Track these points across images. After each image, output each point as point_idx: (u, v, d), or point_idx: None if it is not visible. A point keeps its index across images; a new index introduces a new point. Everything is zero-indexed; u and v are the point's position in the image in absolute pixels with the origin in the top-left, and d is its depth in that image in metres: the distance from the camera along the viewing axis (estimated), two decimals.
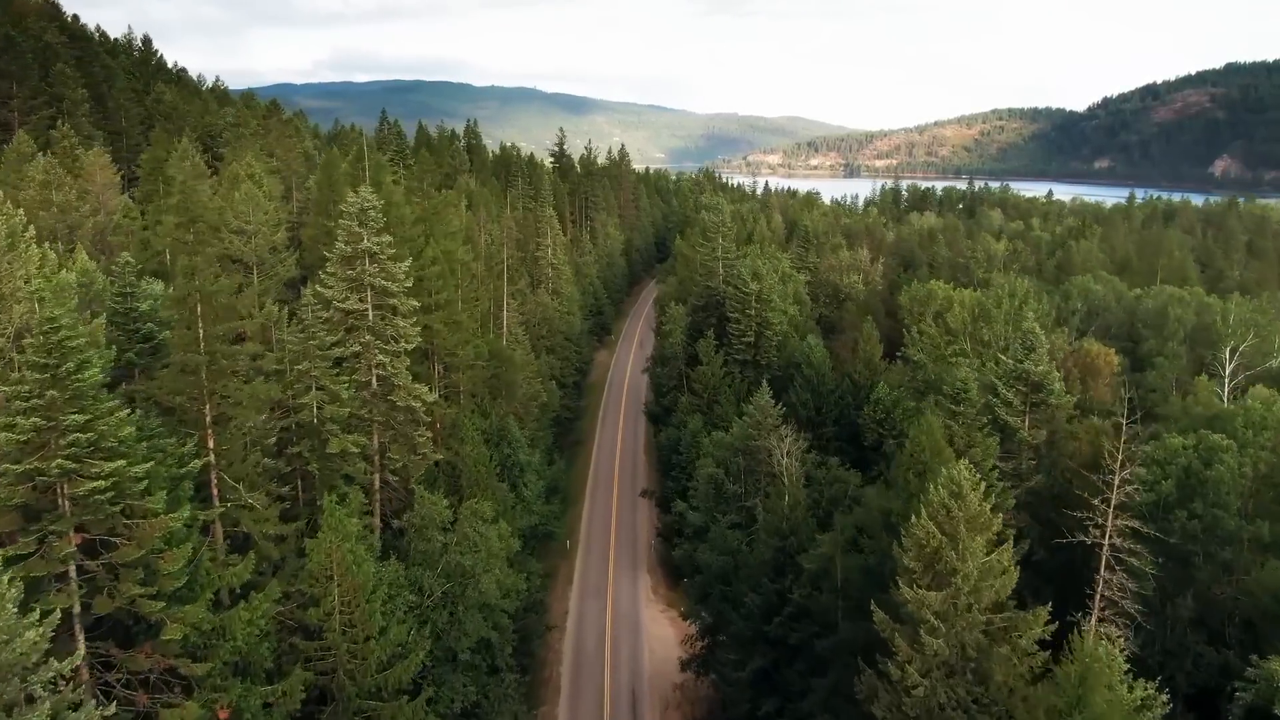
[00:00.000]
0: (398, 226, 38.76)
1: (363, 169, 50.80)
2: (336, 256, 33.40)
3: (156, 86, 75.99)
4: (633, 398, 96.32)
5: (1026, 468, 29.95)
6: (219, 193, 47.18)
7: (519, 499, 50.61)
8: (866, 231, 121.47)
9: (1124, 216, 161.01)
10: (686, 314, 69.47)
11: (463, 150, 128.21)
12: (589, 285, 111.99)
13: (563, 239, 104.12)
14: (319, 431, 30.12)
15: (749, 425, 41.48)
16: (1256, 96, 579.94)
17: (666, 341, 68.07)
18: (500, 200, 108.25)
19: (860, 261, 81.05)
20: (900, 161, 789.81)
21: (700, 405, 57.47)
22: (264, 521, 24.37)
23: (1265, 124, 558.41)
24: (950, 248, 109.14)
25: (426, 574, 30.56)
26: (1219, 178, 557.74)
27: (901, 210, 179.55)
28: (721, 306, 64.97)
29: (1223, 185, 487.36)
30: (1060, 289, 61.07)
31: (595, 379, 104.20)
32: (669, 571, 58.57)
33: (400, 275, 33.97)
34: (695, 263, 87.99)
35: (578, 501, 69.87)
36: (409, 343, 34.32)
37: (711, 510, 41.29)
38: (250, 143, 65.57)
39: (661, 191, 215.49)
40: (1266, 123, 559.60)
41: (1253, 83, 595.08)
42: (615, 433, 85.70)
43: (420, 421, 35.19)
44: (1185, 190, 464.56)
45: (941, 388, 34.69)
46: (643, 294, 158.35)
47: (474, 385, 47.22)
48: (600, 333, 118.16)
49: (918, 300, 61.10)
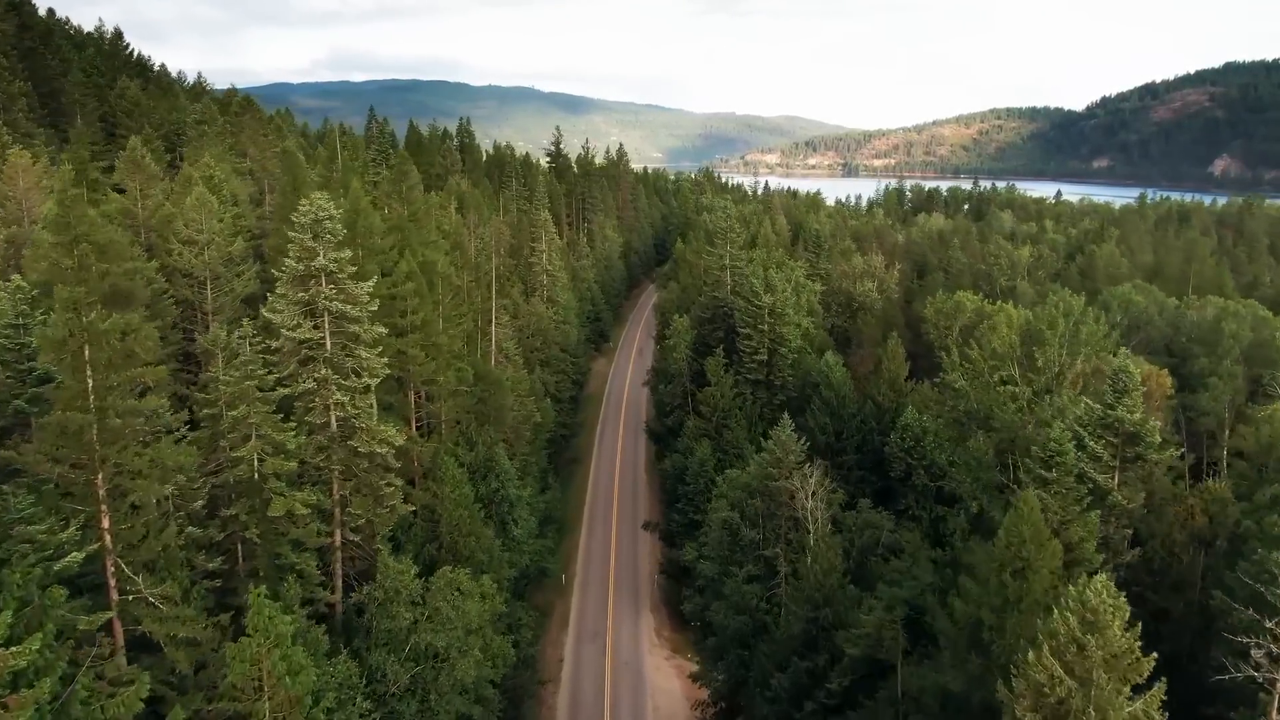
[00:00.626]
0: (365, 238, 33.51)
1: (336, 170, 45.62)
2: (287, 276, 28.14)
3: (120, 81, 70.45)
4: (632, 411, 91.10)
5: (1118, 538, 24.72)
6: (171, 197, 41.81)
7: (508, 540, 45.44)
8: (875, 234, 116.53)
9: (1138, 218, 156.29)
10: (691, 326, 64.23)
11: (455, 150, 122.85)
12: (586, 291, 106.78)
13: (558, 243, 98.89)
14: (260, 489, 24.86)
15: (768, 463, 36.37)
16: (1256, 96, 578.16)
17: (670, 356, 62.89)
18: (493, 202, 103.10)
19: (874, 268, 75.84)
20: (899, 161, 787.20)
21: (708, 430, 52.33)
22: (173, 621, 19.12)
23: (1265, 123, 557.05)
24: (966, 252, 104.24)
25: (390, 659, 25.35)
26: (1219, 177, 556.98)
27: (906, 211, 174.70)
28: (730, 319, 59.80)
29: (1223, 185, 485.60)
30: (1099, 300, 56.03)
31: (593, 390, 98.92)
32: (674, 612, 53.40)
33: (363, 297, 28.73)
34: (699, 269, 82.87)
35: (574, 530, 64.61)
36: (374, 376, 29.09)
37: (726, 560, 36.17)
38: (216, 141, 60.09)
39: (660, 192, 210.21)
40: (1266, 122, 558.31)
41: (1252, 82, 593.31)
42: (614, 450, 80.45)
43: (388, 467, 29.95)
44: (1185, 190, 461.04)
45: (1029, 448, 29.32)
46: (642, 298, 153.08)
47: (458, 413, 42.08)
48: (598, 340, 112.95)
49: (944, 313, 56.05)
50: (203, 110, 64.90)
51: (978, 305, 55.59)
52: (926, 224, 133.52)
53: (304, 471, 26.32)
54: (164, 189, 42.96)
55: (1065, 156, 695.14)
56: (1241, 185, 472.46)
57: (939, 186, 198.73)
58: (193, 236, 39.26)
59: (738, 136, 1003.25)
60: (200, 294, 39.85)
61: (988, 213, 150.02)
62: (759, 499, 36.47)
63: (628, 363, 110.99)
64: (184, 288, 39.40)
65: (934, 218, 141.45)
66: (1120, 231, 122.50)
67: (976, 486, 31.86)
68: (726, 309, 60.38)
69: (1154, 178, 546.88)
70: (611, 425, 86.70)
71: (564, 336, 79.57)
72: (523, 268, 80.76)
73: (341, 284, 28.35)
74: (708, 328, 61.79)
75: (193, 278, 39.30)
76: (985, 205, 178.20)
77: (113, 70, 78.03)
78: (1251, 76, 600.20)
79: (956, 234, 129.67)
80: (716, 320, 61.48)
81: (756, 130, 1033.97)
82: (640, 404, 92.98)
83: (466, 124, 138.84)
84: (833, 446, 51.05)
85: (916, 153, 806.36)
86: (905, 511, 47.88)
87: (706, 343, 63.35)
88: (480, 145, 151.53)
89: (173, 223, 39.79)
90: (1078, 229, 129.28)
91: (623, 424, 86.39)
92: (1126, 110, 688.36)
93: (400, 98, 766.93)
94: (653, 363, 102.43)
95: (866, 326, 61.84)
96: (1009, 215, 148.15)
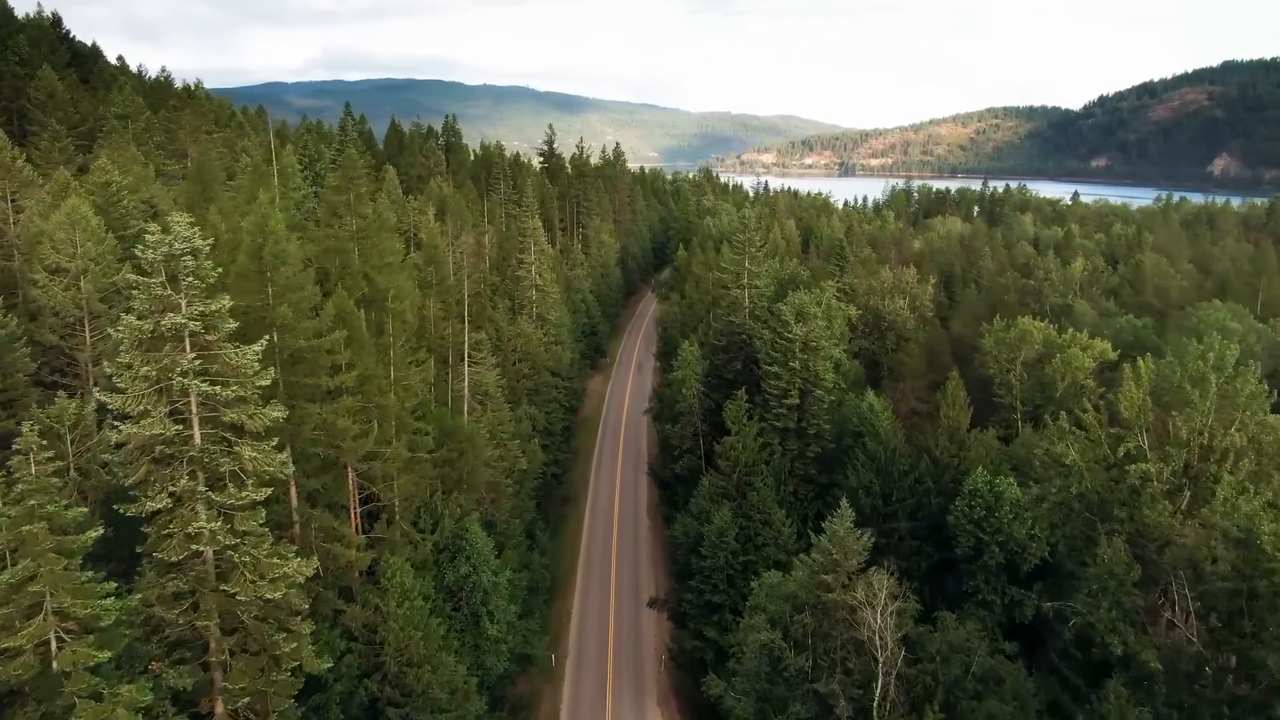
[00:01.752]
0: (273, 271, 24.12)
1: (271, 173, 36.27)
2: (127, 338, 18.74)
3: (42, 70, 60.77)
4: (632, 438, 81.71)
5: None
6: (40, 211, 32.31)
7: (482, 640, 36.15)
8: (893, 241, 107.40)
9: (1162, 221, 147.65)
10: (702, 355, 54.87)
11: (439, 150, 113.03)
12: (581, 304, 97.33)
13: (550, 252, 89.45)
14: (56, 690, 15.50)
15: (819, 567, 27.25)
16: (1255, 95, 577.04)
17: (678, 390, 53.55)
18: (478, 207, 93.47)
19: (906, 282, 66.52)
20: (895, 160, 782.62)
21: (728, 489, 43.09)
22: None
23: (1264, 122, 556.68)
24: (996, 260, 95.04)
25: None
26: (1219, 177, 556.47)
27: (915, 213, 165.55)
28: (749, 348, 50.52)
29: (1223, 184, 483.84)
30: (1189, 326, 47.09)
31: (589, 412, 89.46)
32: (685, 705, 44.32)
33: (250, 366, 19.39)
34: (708, 283, 73.10)
35: (566, 591, 55.21)
36: (264, 484, 19.71)
37: (765, 696, 27.02)
38: (139, 139, 50.43)
39: (658, 193, 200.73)
40: (1266, 121, 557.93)
41: (1251, 81, 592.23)
42: (613, 488, 71.10)
43: (292, 610, 20.61)
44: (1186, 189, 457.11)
45: (1110, 511, 20.97)
46: (640, 305, 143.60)
47: (415, 486, 32.87)
48: (594, 355, 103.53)
49: (1006, 344, 47.00)
50: (125, 102, 55.07)
51: (1046, 334, 46.56)
52: (944, 228, 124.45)
53: (133, 653, 16.94)
54: (35, 202, 33.42)
55: (1063, 156, 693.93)
56: (1242, 185, 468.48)
57: (948, 187, 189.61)
58: (61, 263, 29.84)
59: (733, 136, 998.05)
60: (73, 338, 30.43)
61: (1003, 215, 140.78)
62: (808, 614, 27.33)
63: (626, 380, 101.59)
64: (50, 330, 30.00)
65: (950, 221, 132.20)
66: (1153, 237, 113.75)
67: (1115, 614, 22.91)
68: (745, 337, 51.09)
69: (1153, 177, 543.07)
70: (609, 456, 77.33)
71: (555, 359, 70.18)
72: (509, 282, 71.37)
73: (213, 349, 18.97)
74: (722, 357, 52.47)
75: (60, 318, 29.90)
76: (998, 207, 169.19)
77: (37, 60, 68.19)
78: (1250, 75, 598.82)
79: (977, 238, 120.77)
80: (733, 350, 52.12)
81: (752, 130, 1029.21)
82: (641, 430, 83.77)
83: (453, 122, 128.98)
84: (880, 511, 41.87)
85: (913, 152, 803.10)
86: (972, 595, 38.97)
87: (720, 374, 53.94)
88: (468, 145, 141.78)
89: (39, 245, 30.36)
90: (1109, 234, 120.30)
91: (621, 454, 77.07)
92: (1124, 109, 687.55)
93: (394, 97, 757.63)
94: (653, 386, 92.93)
95: (910, 357, 52.55)
96: (1029, 218, 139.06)
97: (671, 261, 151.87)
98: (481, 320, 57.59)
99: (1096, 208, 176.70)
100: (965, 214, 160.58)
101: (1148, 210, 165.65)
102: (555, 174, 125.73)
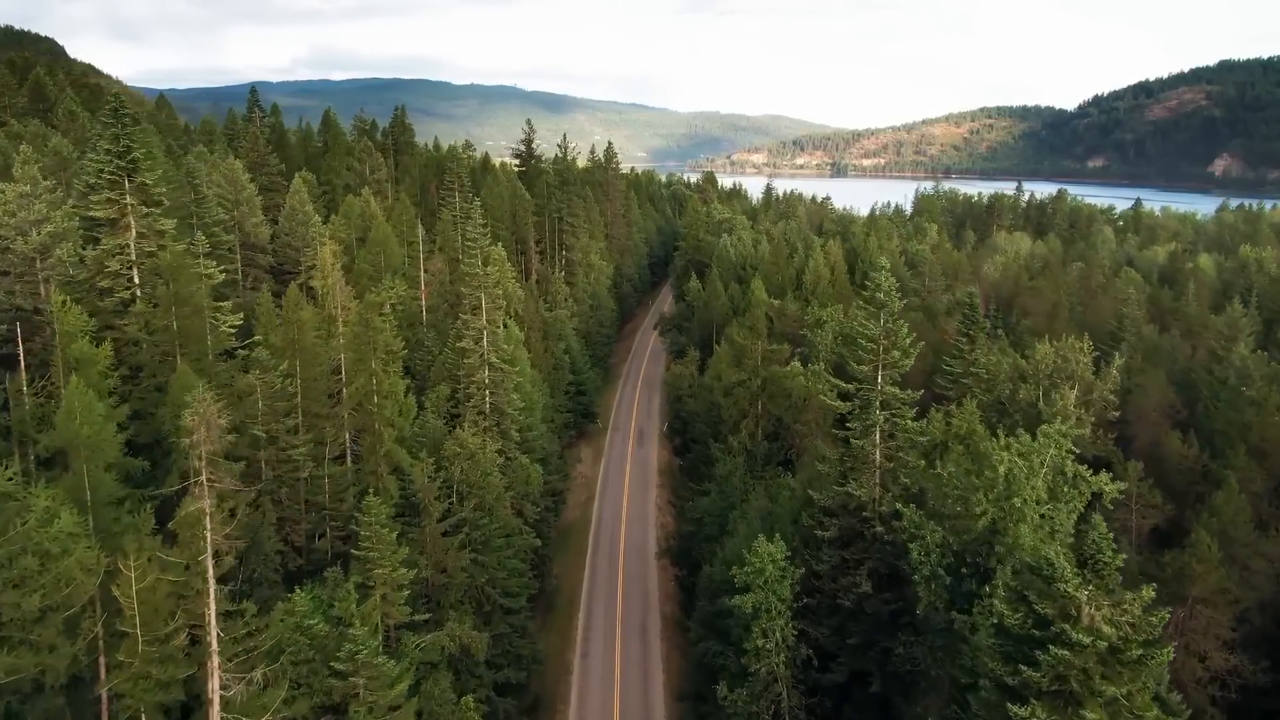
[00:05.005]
0: None
1: None
2: None
3: None
4: (636, 564, 56.80)
5: None
6: None
7: None
8: (971, 268, 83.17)
9: (1224, 231, 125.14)
10: (791, 561, 28.14)
11: (377, 151, 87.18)
12: (562, 356, 72.26)
13: (519, 294, 64.34)
14: None
15: None
16: (1254, 94, 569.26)
17: (744, 635, 27.07)
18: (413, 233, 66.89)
19: (1076, 363, 41.72)
20: (888, 160, 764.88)
21: None
22: None
23: (1264, 122, 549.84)
24: (1124, 303, 69.40)
25: None
26: (1219, 177, 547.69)
27: (955, 224, 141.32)
28: (887, 547, 25.42)
29: (1224, 185, 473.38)
30: None
31: (573, 519, 64.16)
32: None
33: None
34: (754, 357, 44.82)
35: None
36: None
37: None
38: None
39: (654, 198, 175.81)
40: (1266, 120, 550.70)
41: (1249, 80, 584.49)
42: (611, 683, 45.63)
43: None
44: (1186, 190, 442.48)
45: None
46: (638, 335, 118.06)
47: None
48: (581, 420, 78.48)
49: None
50: None
51: None
52: (1012, 247, 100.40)
53: None
54: None
55: (1059, 156, 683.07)
56: (1244, 185, 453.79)
57: (982, 192, 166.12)
58: None
59: (722, 136, 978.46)
60: None
61: (1095, 230, 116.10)
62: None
63: (624, 457, 76.20)
64: None
65: (1018, 238, 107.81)
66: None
67: None
68: (880, 537, 25.56)
69: (1152, 177, 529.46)
70: (604, 620, 50.52)
71: (518, 476, 44.88)
72: (452, 357, 45.93)
73: None
74: (826, 553, 27.05)
75: None
76: (1046, 216, 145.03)
77: None
78: (1248, 75, 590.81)
79: (1051, 259, 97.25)
80: (850, 536, 26.78)
81: (741, 130, 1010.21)
82: (648, 545, 58.88)
83: (402, 115, 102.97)
84: None
85: (906, 152, 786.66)
86: None
87: (820, 588, 28.05)
88: (425, 145, 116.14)
89: None
90: (1225, 253, 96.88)
91: (621, 610, 50.83)
92: (1120, 109, 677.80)
93: (379, 97, 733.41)
94: (663, 498, 67.51)
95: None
96: (1110, 232, 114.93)
97: (672, 281, 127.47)
98: (390, 462, 32.48)
99: (1160, 219, 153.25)
100: (1013, 224, 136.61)
101: (1223, 219, 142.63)
102: (532, 181, 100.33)
